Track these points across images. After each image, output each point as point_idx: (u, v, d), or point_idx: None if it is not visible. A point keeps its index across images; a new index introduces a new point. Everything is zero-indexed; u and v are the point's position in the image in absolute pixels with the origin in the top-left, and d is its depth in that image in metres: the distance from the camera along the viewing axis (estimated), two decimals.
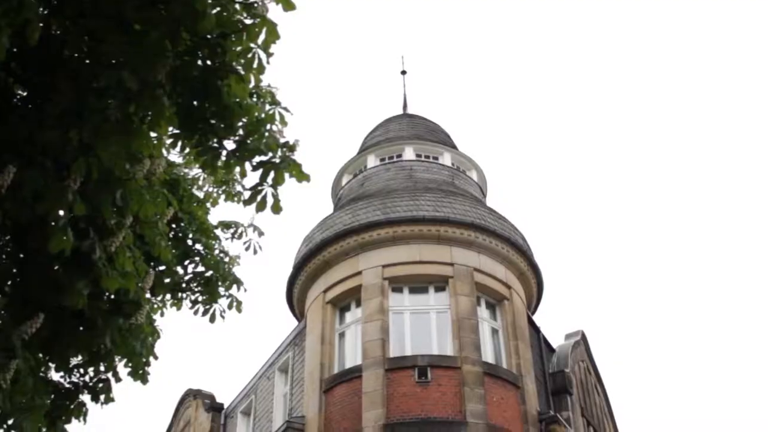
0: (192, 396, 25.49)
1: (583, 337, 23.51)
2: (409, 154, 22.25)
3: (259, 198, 6.61)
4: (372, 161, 22.57)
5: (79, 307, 6.45)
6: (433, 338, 17.61)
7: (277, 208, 6.65)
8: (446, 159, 22.47)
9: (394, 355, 17.21)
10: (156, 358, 7.95)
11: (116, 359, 7.55)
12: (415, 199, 19.27)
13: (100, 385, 7.63)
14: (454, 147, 23.60)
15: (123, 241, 6.50)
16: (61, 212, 5.82)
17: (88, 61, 5.99)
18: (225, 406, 23.69)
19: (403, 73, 28.08)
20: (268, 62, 6.16)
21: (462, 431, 15.97)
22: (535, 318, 20.68)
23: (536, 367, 19.16)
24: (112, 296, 7.07)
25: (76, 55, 6.06)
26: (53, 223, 5.79)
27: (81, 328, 6.98)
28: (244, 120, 6.39)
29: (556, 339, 22.32)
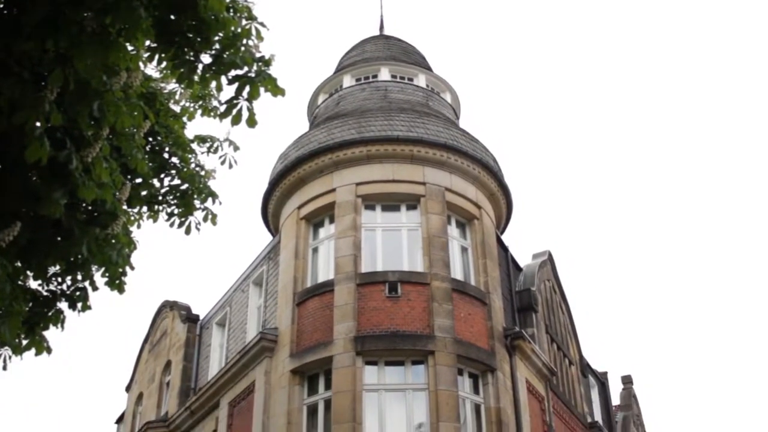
0: (168, 307, 25.92)
1: (550, 258, 24.06)
2: (384, 74, 22.31)
3: (234, 111, 6.75)
4: (348, 81, 22.59)
5: (56, 217, 6.57)
6: (403, 255, 18.00)
7: (252, 122, 6.80)
8: (421, 80, 22.56)
9: (365, 270, 17.60)
10: (132, 268, 8.06)
11: (93, 268, 7.72)
12: (390, 119, 19.42)
13: (78, 293, 7.82)
14: (429, 69, 23.65)
15: (100, 153, 6.59)
16: (38, 123, 5.88)
17: None
18: (201, 318, 24.17)
19: None
20: None
21: (430, 345, 16.48)
22: (504, 238, 21.15)
23: (503, 285, 19.67)
24: (89, 207, 7.21)
25: None
26: (30, 133, 5.85)
27: (58, 238, 7.13)
28: (221, 34, 6.45)
29: (523, 258, 22.87)
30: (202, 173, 9.36)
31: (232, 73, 6.58)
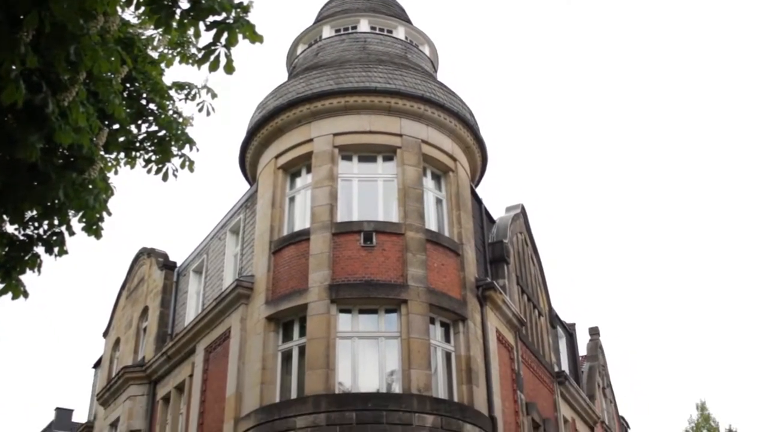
0: (146, 254, 26.07)
1: (523, 211, 24.40)
2: (363, 26, 22.28)
3: (212, 58, 6.78)
4: (327, 32, 22.56)
5: (32, 160, 6.63)
6: (379, 205, 18.22)
7: (230, 69, 6.85)
8: (400, 33, 22.56)
9: (341, 219, 17.82)
10: (109, 214, 8.10)
11: (70, 213, 7.78)
12: (368, 71, 19.48)
13: (54, 238, 7.89)
14: (408, 21, 23.63)
15: (76, 97, 6.62)
16: (14, 66, 5.89)
17: None
18: (178, 265, 24.37)
19: None
20: None
21: (403, 294, 16.79)
22: (478, 191, 21.41)
23: (476, 237, 19.98)
24: (66, 151, 7.27)
25: None
26: (5, 75, 5.85)
27: (35, 182, 7.19)
28: None
29: (497, 211, 23.20)
30: (180, 120, 9.35)
31: (210, 19, 6.59)
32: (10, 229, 7.77)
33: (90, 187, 7.71)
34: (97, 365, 31.66)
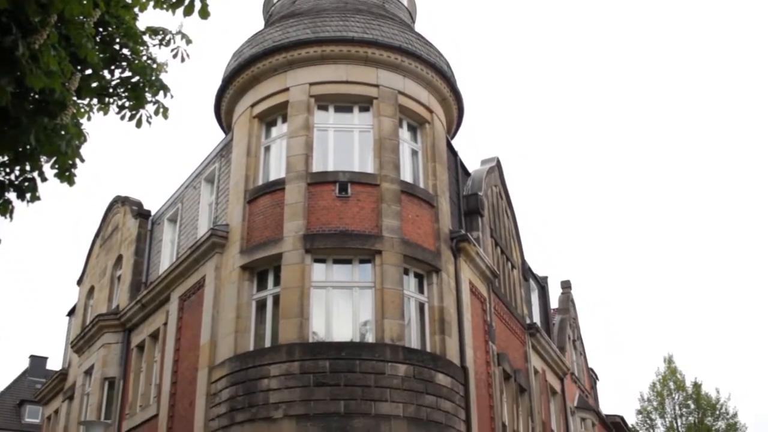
0: (120, 202, 25.96)
1: (498, 164, 24.48)
2: None
3: (186, 1, 6.70)
4: None
5: (2, 104, 6.55)
6: (355, 156, 18.18)
7: (204, 13, 6.77)
8: None
9: (316, 169, 17.79)
10: (83, 160, 8.01)
11: (42, 159, 7.67)
12: (345, 20, 19.29)
13: (26, 183, 7.78)
14: None
15: (47, 40, 6.52)
16: None
17: None
18: (152, 213, 24.29)
19: None
20: None
21: (377, 245, 16.87)
22: (454, 143, 21.43)
23: (451, 189, 20.04)
24: (37, 96, 7.17)
25: None
26: None
27: (5, 127, 7.10)
28: None
29: (472, 164, 23.26)
30: (154, 66, 9.23)
31: None
32: None
33: (62, 132, 7.61)
34: (71, 313, 31.68)
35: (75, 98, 8.08)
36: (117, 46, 9.05)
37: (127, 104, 9.26)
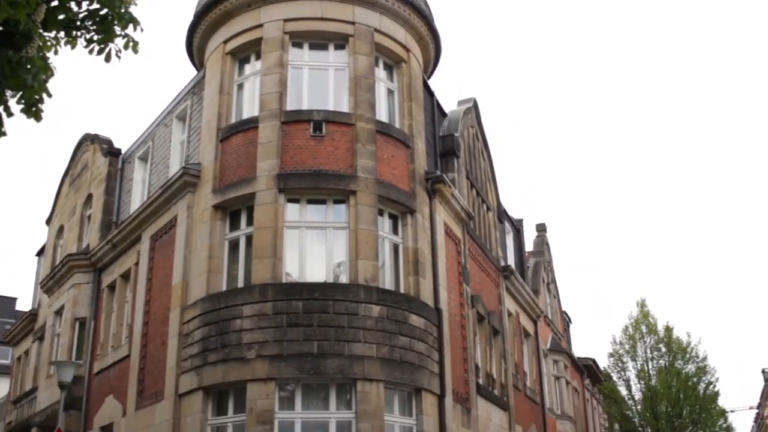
0: (89, 140, 25.48)
1: (475, 105, 24.27)
2: None
3: None
4: None
5: None
6: (329, 94, 17.86)
7: None
8: None
9: (290, 108, 17.46)
10: (50, 95, 7.84)
11: (7, 93, 7.50)
12: None
13: None
14: None
15: None
16: None
17: None
18: (122, 152, 23.88)
19: None
20: None
21: (352, 185, 16.68)
22: (431, 83, 21.15)
23: (427, 130, 19.84)
24: (1, 27, 6.97)
25: None
26: None
27: None
28: None
29: (449, 105, 23.03)
30: None
31: None
32: None
33: (28, 66, 7.46)
34: (40, 253, 31.34)
35: (41, 31, 7.89)
36: None
37: (95, 38, 9.01)
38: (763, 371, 76.13)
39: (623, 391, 42.08)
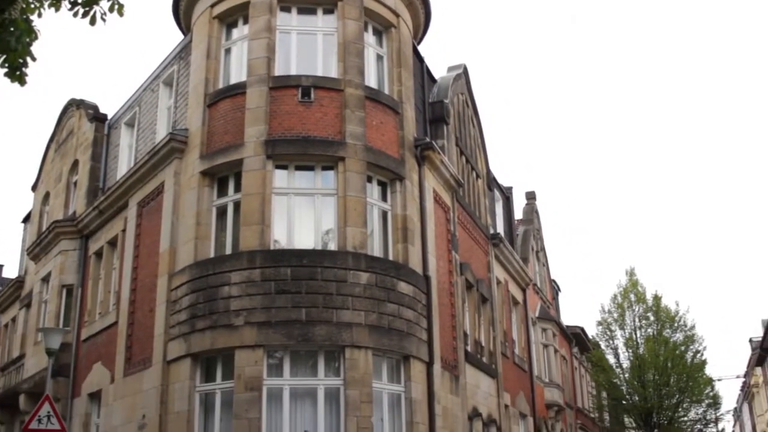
0: (75, 105, 25.19)
1: (465, 71, 24.07)
2: None
3: None
4: None
5: None
6: (318, 60, 17.63)
7: None
8: None
9: (278, 73, 17.24)
10: (34, 59, 7.74)
11: None
12: None
13: None
14: None
15: None
16: None
17: None
18: (109, 117, 23.60)
19: None
20: None
21: (340, 151, 16.54)
22: (421, 49, 20.92)
23: (417, 96, 19.66)
24: None
25: None
26: None
27: None
28: None
29: (439, 71, 22.82)
30: None
31: None
32: None
33: (11, 28, 7.36)
34: (26, 220, 31.13)
35: None
36: None
37: (79, 0, 8.85)
38: (751, 340, 76.73)
39: (611, 360, 42.31)
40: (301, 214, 16.55)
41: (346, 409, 14.97)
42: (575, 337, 43.09)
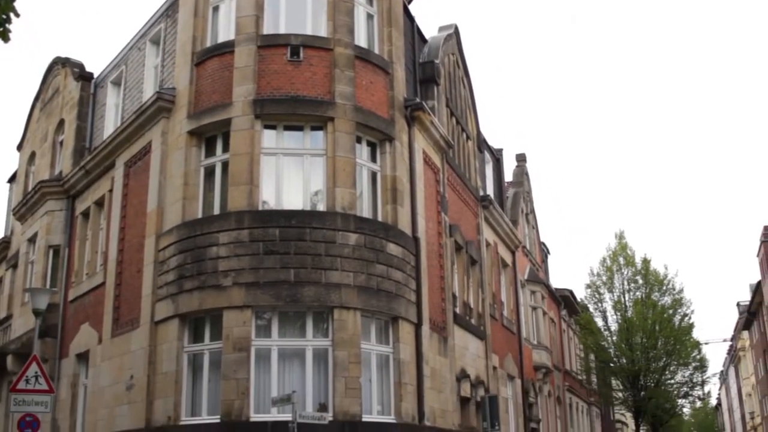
0: (60, 64, 24.82)
1: (456, 32, 23.79)
2: None
3: None
4: None
5: None
6: (307, 18, 17.33)
7: None
8: None
9: (267, 32, 16.97)
10: (17, 15, 7.57)
11: None
12: None
13: None
14: None
15: None
16: None
17: None
18: (95, 76, 23.27)
19: None
20: None
21: (330, 111, 16.34)
22: (411, 8, 20.63)
23: (407, 56, 19.42)
24: None
25: None
26: None
27: None
28: None
29: (429, 31, 22.55)
30: None
31: None
32: None
33: None
34: (11, 179, 30.83)
35: None
36: None
37: None
38: (738, 304, 77.32)
39: (599, 323, 42.52)
40: (290, 175, 16.40)
41: (334, 369, 14.97)
42: (564, 300, 43.26)
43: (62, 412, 19.98)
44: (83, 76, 23.09)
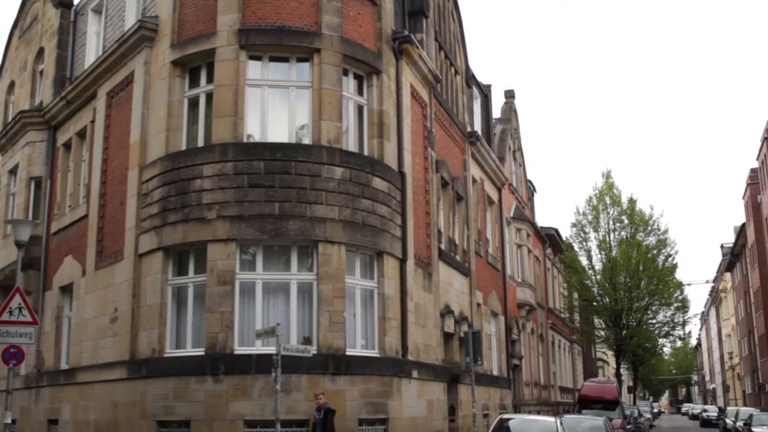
0: None
1: None
2: None
3: None
4: None
5: None
6: None
7: None
8: None
9: None
10: None
11: None
12: None
13: None
14: None
15: None
16: None
17: None
18: (75, 3, 22.66)
19: None
20: None
21: (316, 42, 16.01)
22: None
23: None
24: None
25: None
26: None
27: None
28: None
29: None
30: None
31: None
32: None
33: None
34: None
35: None
36: None
37: None
38: (722, 246, 77.96)
39: (584, 261, 42.80)
40: (275, 107, 16.15)
41: (318, 303, 14.95)
42: (549, 239, 43.39)
43: (46, 344, 19.95)
44: (63, 3, 22.48)
